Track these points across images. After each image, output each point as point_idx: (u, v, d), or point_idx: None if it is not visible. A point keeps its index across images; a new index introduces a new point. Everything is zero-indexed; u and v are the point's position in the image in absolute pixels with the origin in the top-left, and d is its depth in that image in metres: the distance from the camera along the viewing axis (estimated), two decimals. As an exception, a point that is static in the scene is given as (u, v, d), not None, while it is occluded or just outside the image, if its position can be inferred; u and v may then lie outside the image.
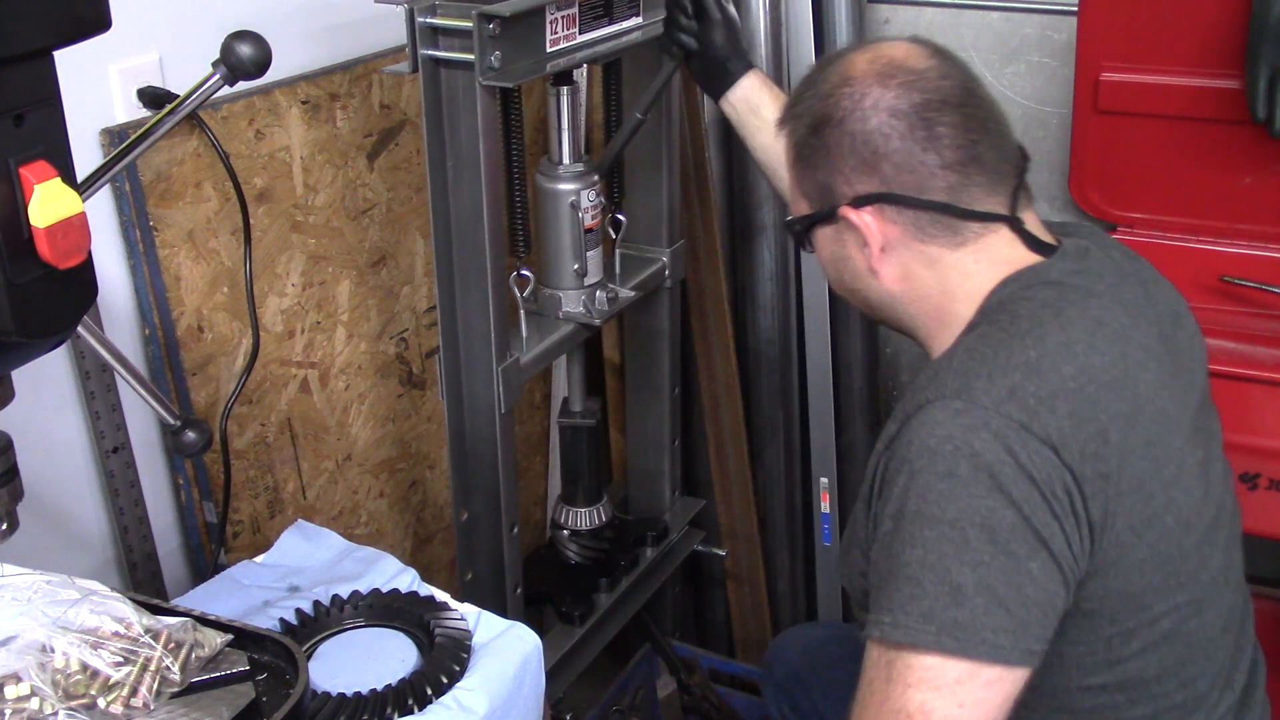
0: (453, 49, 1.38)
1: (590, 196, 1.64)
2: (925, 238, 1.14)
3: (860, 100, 1.13)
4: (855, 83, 1.14)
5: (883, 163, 1.12)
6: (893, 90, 1.12)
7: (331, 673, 1.20)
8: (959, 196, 1.12)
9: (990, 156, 1.13)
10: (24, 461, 1.03)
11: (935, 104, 1.11)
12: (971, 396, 1.02)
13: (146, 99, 1.42)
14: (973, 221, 1.13)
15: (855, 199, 1.15)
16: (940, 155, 1.11)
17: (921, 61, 1.14)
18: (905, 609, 0.99)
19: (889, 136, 1.12)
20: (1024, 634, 0.99)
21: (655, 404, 1.97)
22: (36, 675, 0.95)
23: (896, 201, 1.13)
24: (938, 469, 1.00)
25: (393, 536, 1.94)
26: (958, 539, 0.99)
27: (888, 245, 1.16)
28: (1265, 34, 1.64)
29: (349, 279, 1.74)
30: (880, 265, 1.17)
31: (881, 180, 1.13)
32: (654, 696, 2.07)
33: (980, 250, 1.14)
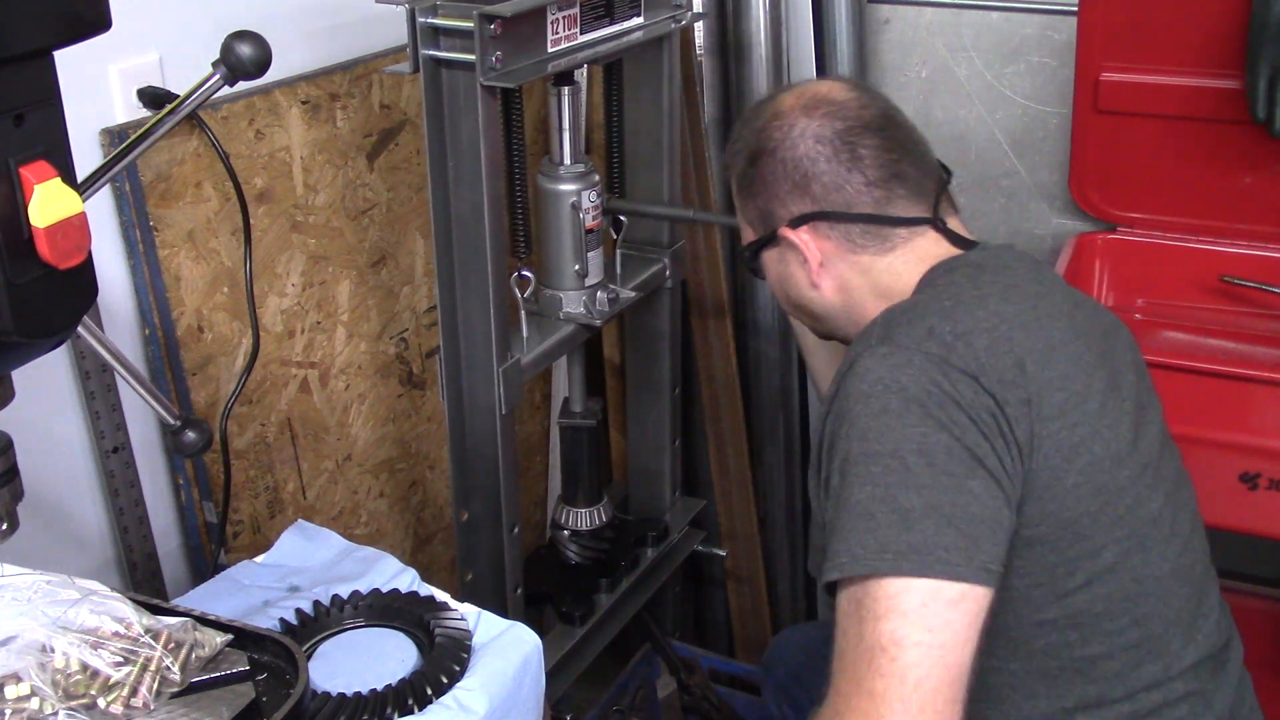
0: (454, 49, 1.38)
1: (591, 197, 1.64)
2: (857, 248, 1.26)
3: (789, 131, 1.26)
4: (784, 116, 1.27)
5: (813, 184, 1.25)
6: (817, 120, 1.25)
7: (331, 673, 1.20)
8: (884, 208, 1.24)
9: (911, 173, 1.25)
10: (24, 461, 1.03)
11: (857, 129, 1.24)
12: (894, 340, 1.11)
13: (146, 99, 1.42)
14: (900, 227, 1.25)
15: (792, 220, 1.27)
16: (864, 174, 1.24)
17: (843, 94, 1.27)
18: (862, 543, 1.04)
19: (816, 160, 1.25)
20: (976, 550, 1.03)
21: (655, 404, 1.97)
22: (36, 675, 0.95)
23: (828, 218, 1.26)
24: (872, 408, 1.08)
25: (393, 536, 1.94)
26: (899, 467, 1.05)
27: (825, 259, 1.27)
28: (1265, 34, 1.65)
29: (349, 279, 1.74)
30: (819, 279, 1.29)
31: (813, 200, 1.26)
32: (654, 696, 2.07)
33: (908, 252, 1.25)
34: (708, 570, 2.32)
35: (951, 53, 2.14)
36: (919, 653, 0.99)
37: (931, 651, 0.99)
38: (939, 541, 1.02)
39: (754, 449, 2.21)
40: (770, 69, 2.02)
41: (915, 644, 0.99)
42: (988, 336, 1.11)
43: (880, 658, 1.00)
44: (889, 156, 1.24)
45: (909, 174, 1.25)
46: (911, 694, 0.98)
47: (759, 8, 1.98)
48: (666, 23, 1.66)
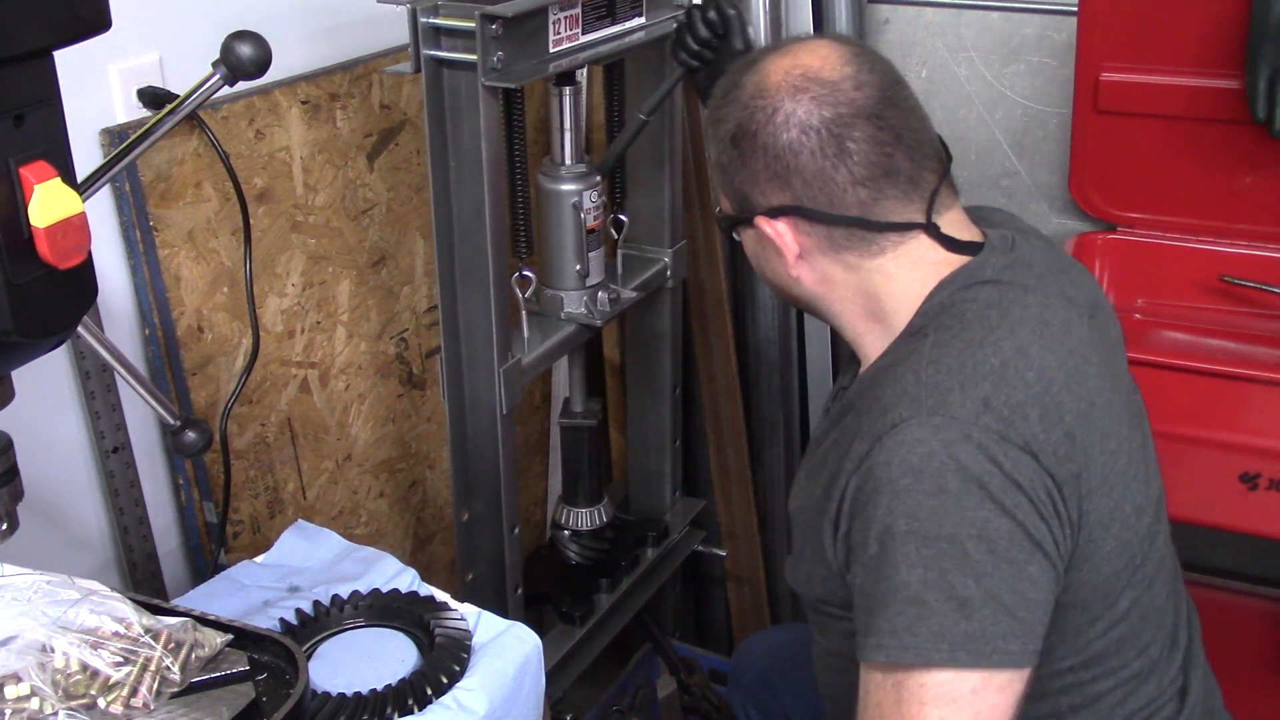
0: (455, 49, 1.38)
1: (592, 197, 1.64)
2: (839, 248, 1.15)
3: (773, 115, 1.13)
4: (769, 95, 1.14)
5: (794, 178, 1.13)
6: (804, 105, 1.12)
7: (331, 673, 1.20)
8: (871, 210, 1.13)
9: (905, 166, 1.13)
10: (24, 461, 1.03)
11: (847, 118, 1.11)
12: (949, 411, 1.02)
13: (146, 99, 1.42)
14: (888, 233, 1.14)
15: (769, 209, 1.16)
16: (851, 171, 1.11)
17: (836, 71, 1.13)
18: (912, 630, 0.99)
19: (799, 153, 1.12)
20: (1030, 636, 1.01)
21: (656, 404, 1.97)
22: (36, 675, 0.95)
23: (808, 215, 1.14)
24: (925, 486, 1.01)
25: (393, 536, 1.94)
26: (957, 553, 0.99)
27: (804, 253, 1.17)
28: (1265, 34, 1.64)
29: (349, 279, 1.74)
30: (798, 271, 1.19)
31: (793, 195, 1.14)
32: (654, 696, 2.07)
33: (899, 256, 1.15)
34: (708, 570, 2.32)
35: (951, 53, 2.14)
36: None
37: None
38: (996, 630, 0.99)
39: (754, 449, 2.21)
40: (770, 69, 2.02)
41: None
42: (1040, 407, 1.05)
43: None
44: (880, 151, 1.11)
45: (901, 169, 1.13)
46: None
47: (759, 8, 1.99)
48: (668, 23, 1.66)
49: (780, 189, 1.15)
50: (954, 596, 0.99)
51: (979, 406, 1.03)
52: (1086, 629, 1.12)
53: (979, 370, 1.05)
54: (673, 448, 2.01)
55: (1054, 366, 1.08)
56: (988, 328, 1.09)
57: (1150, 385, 1.37)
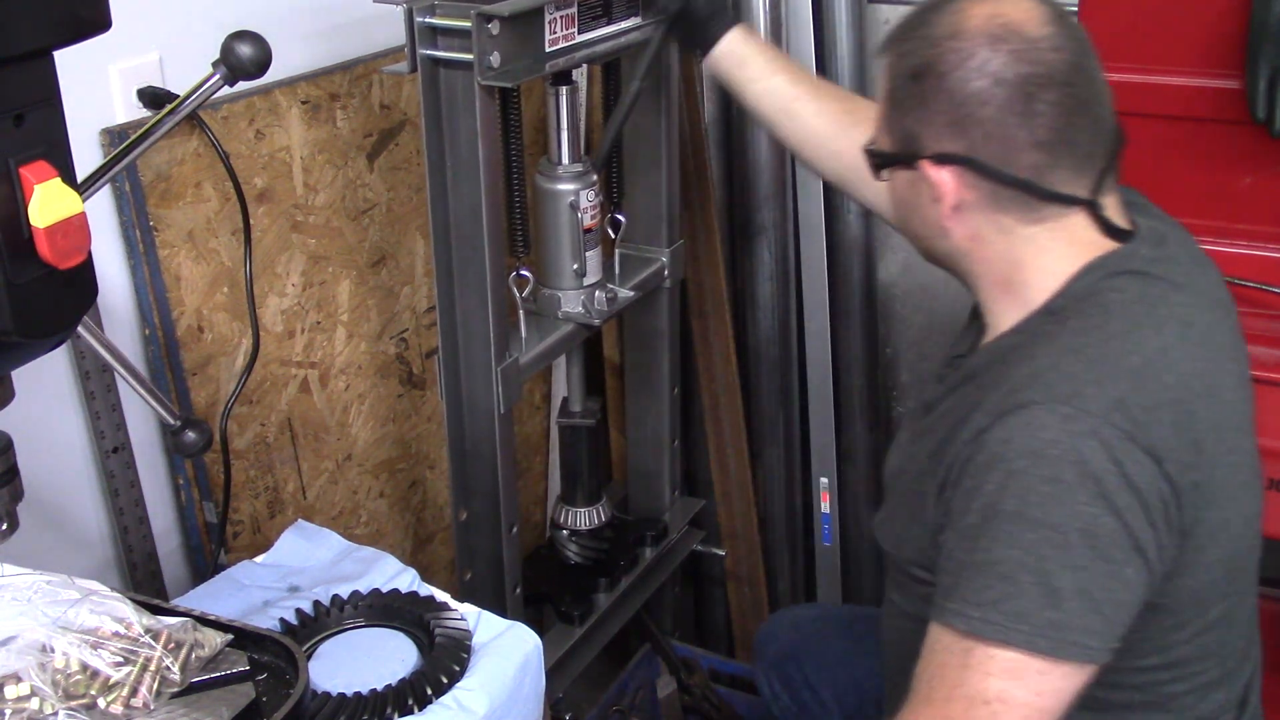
0: (452, 49, 1.38)
1: (589, 196, 1.64)
2: (1000, 209, 1.13)
3: (966, 59, 1.09)
4: (965, 38, 1.09)
5: (974, 128, 1.10)
6: (1001, 56, 1.08)
7: (331, 673, 1.20)
8: (1042, 176, 1.10)
9: (1083, 139, 1.11)
10: (24, 461, 1.03)
11: (1041, 78, 1.08)
12: (1081, 403, 1.02)
13: (146, 99, 1.42)
14: (1053, 203, 1.11)
15: (938, 155, 1.12)
16: (1033, 133, 1.09)
17: (1038, 28, 1.09)
18: (997, 606, 1.01)
19: (986, 103, 1.09)
20: (1110, 635, 1.02)
21: (655, 404, 1.97)
22: (36, 675, 0.95)
23: (978, 169, 1.11)
24: (1042, 472, 1.01)
25: (393, 536, 1.94)
26: (1059, 542, 1.00)
27: (961, 206, 1.14)
28: (1265, 34, 1.64)
29: (349, 279, 1.74)
30: (951, 223, 1.15)
31: (969, 145, 1.10)
32: (654, 696, 2.07)
33: (1055, 229, 1.13)
34: (707, 570, 2.32)
35: (951, 52, 2.14)
36: (1022, 713, 1.01)
37: (1033, 715, 1.01)
38: (1080, 625, 1.00)
39: (754, 449, 2.21)
40: (770, 69, 2.02)
41: (1022, 705, 1.00)
42: (1174, 412, 1.04)
43: (980, 710, 1.00)
44: (1066, 119, 1.09)
45: (1080, 142, 1.10)
46: None
47: (759, 8, 1.99)
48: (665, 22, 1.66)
49: (956, 136, 1.11)
50: (1046, 584, 1.00)
51: (1112, 404, 1.02)
52: (1174, 633, 1.12)
53: (1119, 367, 1.05)
54: (672, 447, 2.01)
55: (1193, 373, 1.08)
56: (1132, 323, 1.08)
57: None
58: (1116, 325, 1.08)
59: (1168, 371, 1.06)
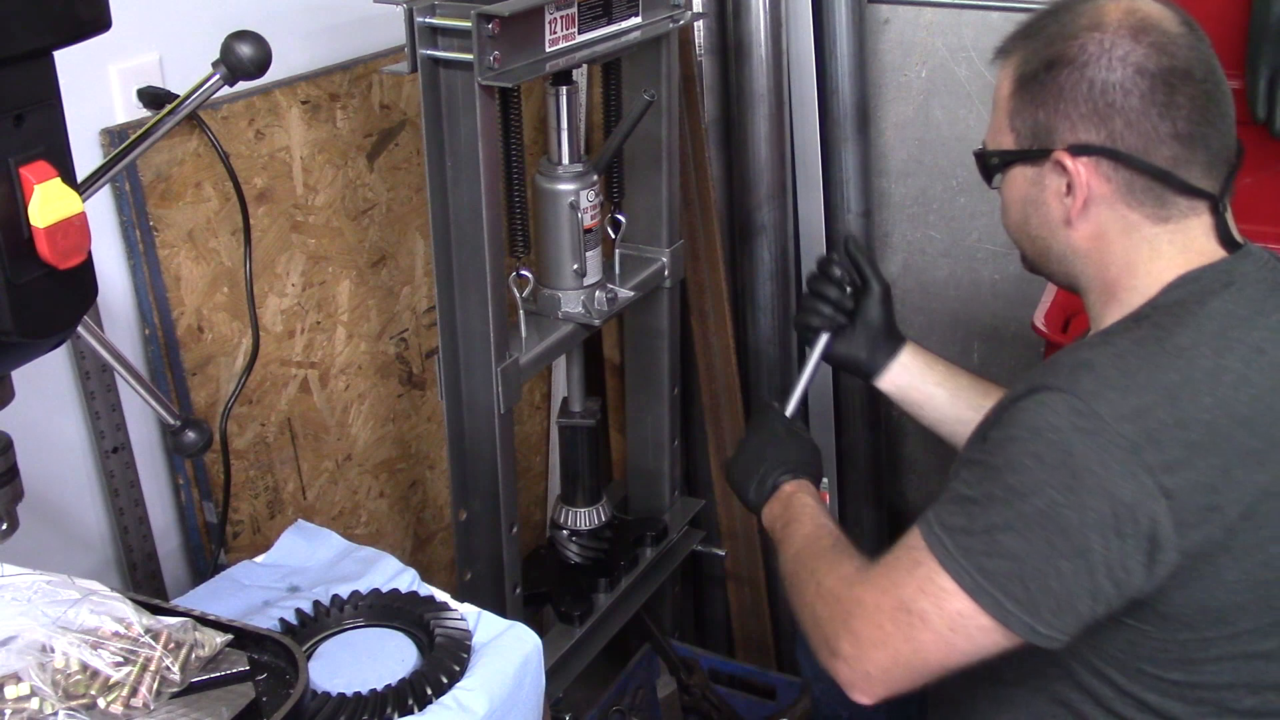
0: (452, 49, 1.38)
1: (589, 196, 1.64)
2: (1133, 203, 1.13)
3: (1110, 49, 1.11)
4: (1107, 30, 1.11)
5: (1116, 117, 1.11)
6: (1144, 47, 1.10)
7: (331, 673, 1.20)
8: (1179, 168, 1.12)
9: (1215, 137, 1.13)
10: (24, 461, 1.03)
11: (1181, 72, 1.10)
12: (1096, 404, 1.04)
13: (146, 99, 1.42)
14: (1182, 197, 1.12)
15: (1075, 146, 1.13)
16: (1174, 124, 1.10)
17: (1174, 27, 1.12)
18: (954, 536, 1.08)
19: (1130, 93, 1.10)
20: (1029, 613, 1.05)
21: (655, 404, 1.97)
22: (36, 675, 0.95)
23: (1118, 159, 1.12)
24: (1032, 447, 1.06)
25: (393, 536, 1.94)
26: (1017, 511, 1.05)
27: (1091, 200, 1.14)
28: (1265, 34, 1.65)
29: (349, 279, 1.74)
30: (1078, 219, 1.16)
31: (1109, 134, 1.11)
32: (654, 696, 2.07)
33: (1177, 232, 1.14)
34: (707, 570, 2.32)
35: (951, 53, 2.14)
36: (932, 638, 1.08)
37: (944, 645, 1.08)
38: (1003, 585, 1.05)
39: (754, 449, 2.21)
40: (770, 69, 2.02)
41: (934, 631, 1.08)
42: (1201, 432, 1.04)
43: (902, 614, 1.09)
44: (1203, 114, 1.11)
45: (1212, 138, 1.12)
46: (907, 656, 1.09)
47: (759, 8, 1.99)
48: (664, 23, 1.66)
49: (1096, 126, 1.12)
50: (992, 537, 1.06)
51: (1128, 414, 1.04)
52: (1196, 649, 1.11)
53: (1153, 380, 1.06)
54: (672, 447, 2.01)
55: (1241, 400, 1.06)
56: (1195, 339, 1.09)
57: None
58: (1178, 340, 1.09)
59: (1208, 393, 1.06)
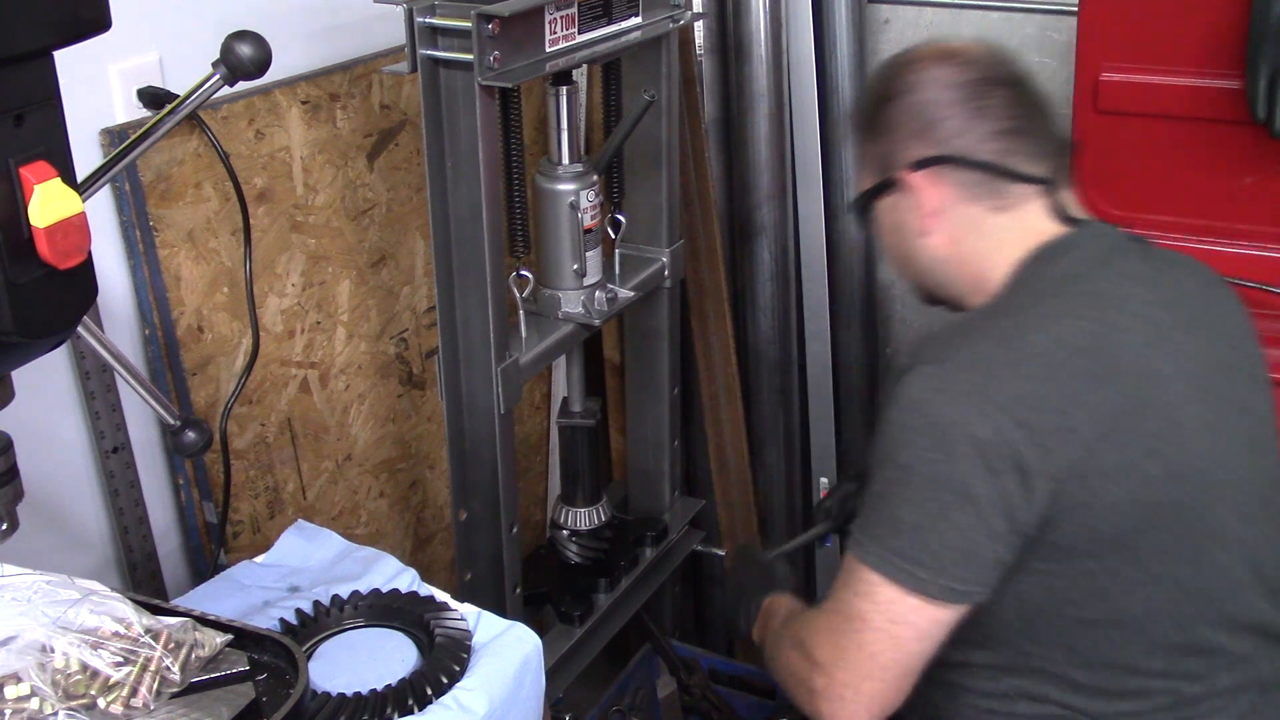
0: (452, 49, 1.38)
1: (589, 196, 1.64)
2: (972, 198, 1.25)
3: (920, 75, 1.27)
4: (916, 63, 1.28)
5: (938, 128, 1.25)
6: (951, 67, 1.25)
7: (331, 673, 1.20)
8: (1005, 159, 1.24)
9: (1037, 129, 1.26)
10: (24, 461, 1.03)
11: (989, 80, 1.25)
12: (942, 364, 1.15)
13: (146, 99, 1.42)
14: (1016, 184, 1.24)
15: (912, 163, 1.27)
16: (991, 123, 1.24)
17: (979, 50, 1.28)
18: (865, 530, 1.17)
19: (946, 105, 1.24)
20: (942, 573, 1.12)
21: (655, 404, 1.97)
22: (36, 675, 0.95)
23: (949, 162, 1.25)
24: (902, 421, 1.15)
25: (393, 536, 1.94)
26: (903, 480, 1.14)
27: (939, 208, 1.26)
28: (1265, 34, 1.64)
29: (349, 279, 1.74)
30: (931, 226, 1.28)
31: (936, 144, 1.25)
32: (654, 696, 2.07)
33: (1016, 218, 1.25)
34: (707, 570, 2.32)
35: (951, 53, 2.14)
36: (879, 637, 1.15)
37: (891, 640, 1.15)
38: (914, 558, 1.13)
39: (754, 449, 2.21)
40: (770, 69, 2.02)
41: (877, 629, 1.15)
42: (1037, 364, 1.13)
43: (851, 625, 1.17)
44: (1016, 112, 1.24)
45: (1034, 131, 1.25)
46: (867, 664, 1.16)
47: (759, 8, 1.99)
48: (664, 23, 1.66)
49: (924, 141, 1.26)
50: (892, 516, 1.15)
51: (967, 361, 1.15)
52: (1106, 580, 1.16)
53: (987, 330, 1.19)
54: (672, 447, 2.01)
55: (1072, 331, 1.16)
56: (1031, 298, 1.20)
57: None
58: (1012, 301, 1.21)
59: (1038, 331, 1.16)
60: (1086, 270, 1.21)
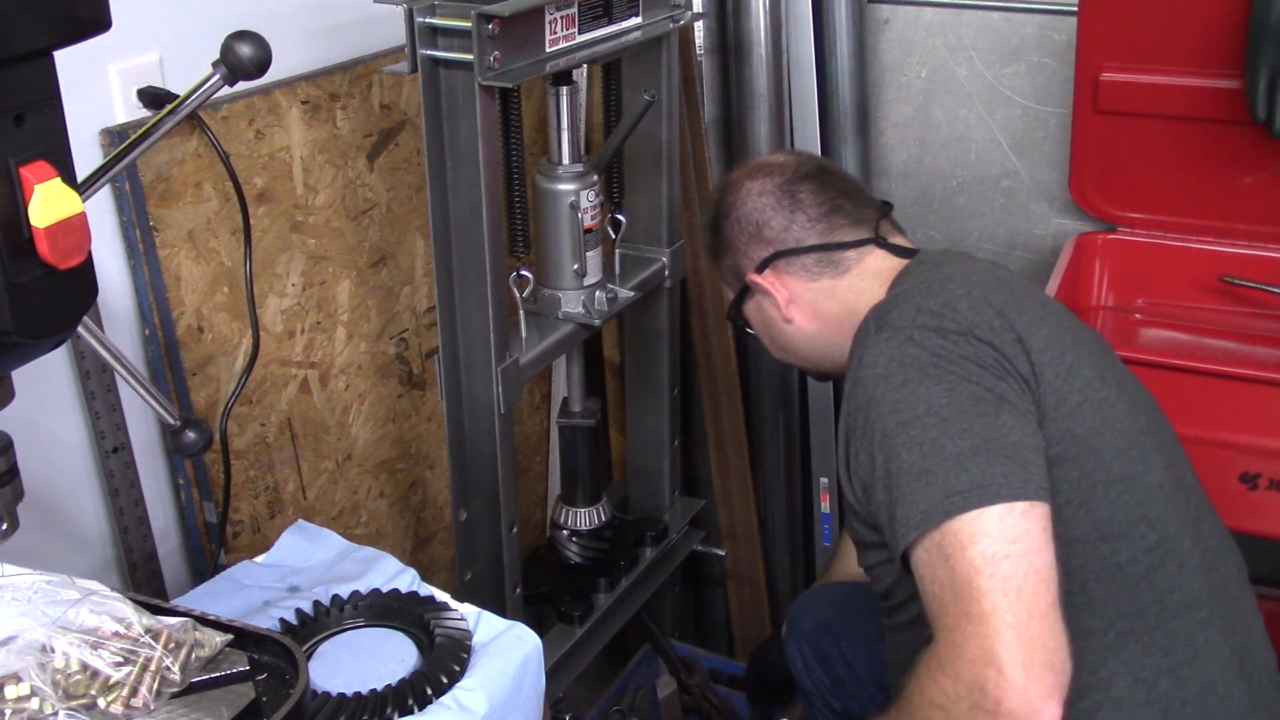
0: (452, 49, 1.38)
1: (590, 196, 1.64)
2: (815, 276, 1.44)
3: (738, 193, 1.49)
4: (733, 184, 1.51)
5: (765, 230, 1.46)
6: (759, 179, 1.48)
7: (331, 673, 1.20)
8: (829, 237, 1.44)
9: (848, 206, 1.46)
10: (24, 461, 1.03)
11: (794, 180, 1.46)
12: (890, 325, 1.24)
13: (146, 99, 1.42)
14: (847, 250, 1.44)
15: (756, 267, 1.47)
16: (806, 213, 1.45)
17: (782, 158, 1.51)
18: (928, 498, 1.12)
19: (764, 210, 1.46)
20: (1027, 471, 1.12)
21: (655, 404, 1.97)
22: (36, 675, 0.95)
23: (784, 255, 1.45)
24: (893, 384, 1.19)
25: (393, 536, 1.94)
26: (936, 422, 1.15)
27: (791, 295, 1.46)
28: (1265, 34, 1.64)
29: (349, 279, 1.74)
30: (790, 313, 1.46)
31: (768, 244, 1.46)
32: (654, 696, 2.07)
33: (862, 270, 1.43)
34: (707, 570, 2.32)
35: (951, 53, 2.14)
36: (1010, 563, 1.07)
37: (1021, 560, 1.07)
38: (995, 471, 1.11)
39: (754, 449, 2.21)
40: (770, 69, 2.02)
41: (1005, 556, 1.07)
42: (967, 300, 1.24)
43: (977, 578, 1.07)
44: (825, 195, 1.45)
45: (846, 207, 1.45)
46: (1016, 601, 1.05)
47: (759, 8, 1.99)
48: (665, 23, 1.66)
49: (758, 244, 1.47)
50: (947, 456, 1.12)
51: (913, 313, 1.24)
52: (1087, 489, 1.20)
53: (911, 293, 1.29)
54: (672, 447, 2.01)
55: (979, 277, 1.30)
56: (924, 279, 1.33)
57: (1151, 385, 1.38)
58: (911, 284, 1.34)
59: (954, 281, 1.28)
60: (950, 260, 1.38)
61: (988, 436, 1.13)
